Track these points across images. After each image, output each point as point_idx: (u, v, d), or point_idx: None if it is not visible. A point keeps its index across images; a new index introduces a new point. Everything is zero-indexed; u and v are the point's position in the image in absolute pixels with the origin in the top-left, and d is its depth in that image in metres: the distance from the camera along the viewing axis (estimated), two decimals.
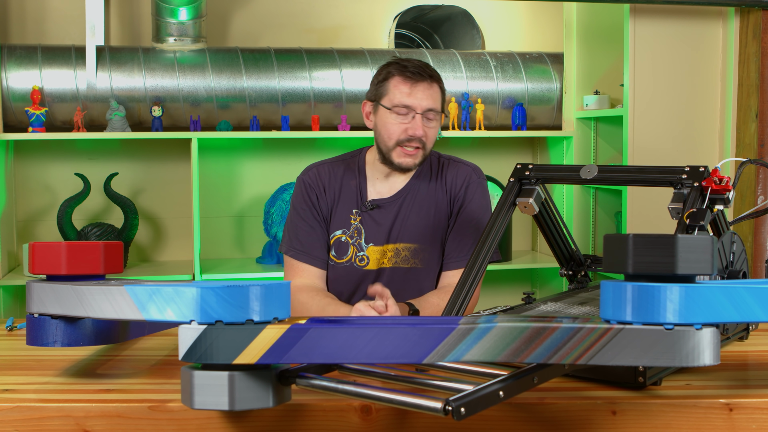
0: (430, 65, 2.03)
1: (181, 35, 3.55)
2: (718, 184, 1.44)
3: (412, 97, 1.96)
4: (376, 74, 2.03)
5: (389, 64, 2.02)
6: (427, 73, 1.98)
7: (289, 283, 1.12)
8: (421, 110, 1.96)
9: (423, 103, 1.96)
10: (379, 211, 2.06)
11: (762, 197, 3.14)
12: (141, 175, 3.77)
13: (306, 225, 2.06)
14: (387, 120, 1.99)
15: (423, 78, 1.97)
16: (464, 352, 1.03)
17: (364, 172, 2.10)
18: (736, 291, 1.04)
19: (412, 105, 1.96)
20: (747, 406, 1.19)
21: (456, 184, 2.09)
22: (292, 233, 2.08)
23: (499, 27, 4.20)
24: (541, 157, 4.11)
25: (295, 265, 2.07)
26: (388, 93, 1.98)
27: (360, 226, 2.06)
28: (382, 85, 2.00)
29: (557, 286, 3.95)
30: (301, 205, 2.09)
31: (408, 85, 1.96)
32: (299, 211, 2.08)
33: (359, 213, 2.07)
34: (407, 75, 1.96)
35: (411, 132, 1.96)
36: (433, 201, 2.08)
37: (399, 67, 1.99)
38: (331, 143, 3.90)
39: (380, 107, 2.00)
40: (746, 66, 3.20)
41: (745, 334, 1.58)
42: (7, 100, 3.38)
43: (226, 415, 1.18)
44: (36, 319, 1.31)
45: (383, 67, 2.03)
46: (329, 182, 2.08)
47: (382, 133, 2.00)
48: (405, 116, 1.97)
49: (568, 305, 1.58)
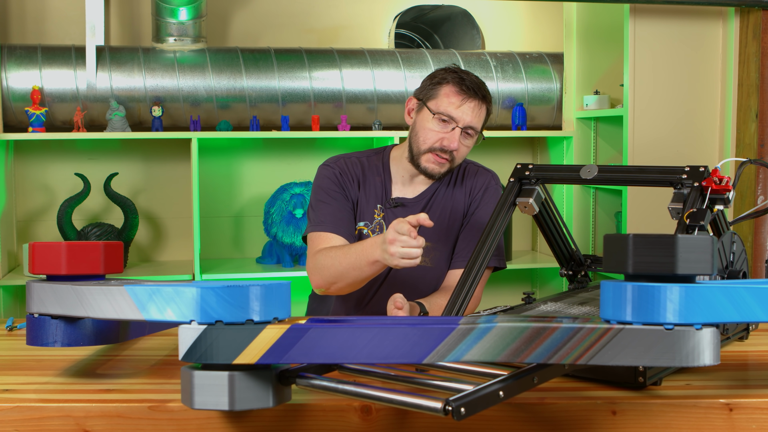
0: (485, 85, 2.01)
1: (181, 35, 3.55)
2: (718, 184, 1.44)
3: (459, 110, 1.95)
4: (432, 75, 2.02)
5: (448, 70, 2.00)
6: (482, 93, 1.97)
7: (289, 283, 1.12)
8: (463, 125, 1.96)
9: (467, 119, 1.95)
10: (402, 210, 2.07)
11: (762, 197, 3.14)
12: (141, 175, 3.77)
13: (336, 203, 2.03)
14: (427, 124, 1.98)
15: (476, 96, 1.96)
16: (464, 352, 1.03)
17: (389, 170, 2.10)
18: (736, 291, 1.04)
19: (456, 117, 1.95)
20: (747, 406, 1.19)
21: (475, 188, 2.11)
22: (318, 214, 2.02)
23: (499, 27, 4.20)
24: (541, 157, 4.12)
25: (321, 236, 1.99)
26: (437, 98, 1.97)
27: (382, 221, 2.07)
28: (434, 88, 1.99)
29: (557, 286, 3.95)
30: (331, 187, 2.04)
31: (460, 97, 1.95)
32: (329, 192, 2.04)
33: (383, 209, 2.07)
34: (462, 88, 1.95)
35: (446, 143, 1.96)
36: (453, 204, 2.09)
37: (457, 77, 1.97)
38: (331, 143, 3.90)
39: (425, 108, 1.99)
40: (746, 66, 3.20)
41: (745, 334, 1.58)
42: (7, 100, 3.38)
43: (226, 415, 1.18)
44: (36, 319, 1.31)
45: (441, 71, 2.01)
46: (357, 174, 2.08)
47: (419, 134, 2.00)
48: (446, 126, 1.96)
49: (568, 305, 1.58)
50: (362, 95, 3.67)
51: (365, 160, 2.11)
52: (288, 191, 3.52)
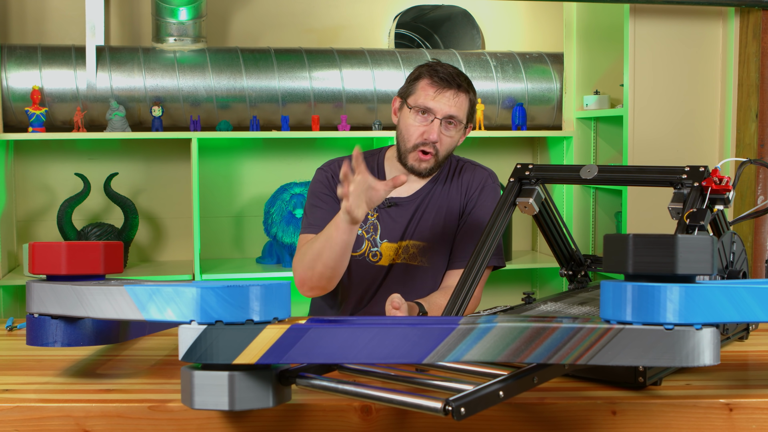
0: (464, 74, 2.02)
1: (181, 35, 3.55)
2: (718, 184, 1.44)
3: (435, 101, 1.96)
4: (411, 73, 2.05)
5: (423, 65, 2.02)
6: (456, 81, 1.97)
7: (288, 283, 1.12)
8: (441, 115, 1.96)
9: (444, 109, 1.96)
10: (396, 209, 2.07)
11: (762, 197, 3.14)
12: (141, 175, 3.77)
13: (327, 207, 2.05)
14: (408, 120, 2.00)
15: (451, 85, 1.96)
16: (464, 352, 1.03)
17: (383, 171, 2.11)
18: (736, 291, 1.04)
19: (434, 108, 1.96)
20: (747, 406, 1.19)
21: (472, 186, 2.10)
22: (310, 217, 2.06)
23: (499, 27, 4.20)
24: (541, 157, 4.11)
25: (308, 237, 2.02)
26: (415, 93, 1.99)
27: (376, 222, 2.07)
28: (411, 84, 2.01)
29: (557, 286, 3.95)
30: (322, 191, 2.07)
31: (434, 89, 1.96)
32: (320, 197, 2.07)
33: (377, 209, 2.07)
34: (435, 79, 1.97)
35: (426, 135, 1.97)
36: (448, 203, 2.09)
37: (430, 70, 1.99)
38: (331, 143, 3.90)
39: (405, 105, 2.02)
40: (746, 66, 3.20)
41: (745, 334, 1.58)
42: (7, 100, 3.38)
43: (226, 415, 1.18)
44: (36, 319, 1.31)
45: (417, 67, 2.03)
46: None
47: (403, 132, 2.02)
48: (425, 119, 1.97)
49: (568, 305, 1.58)
50: (362, 95, 3.67)
51: None
52: (288, 191, 3.52)
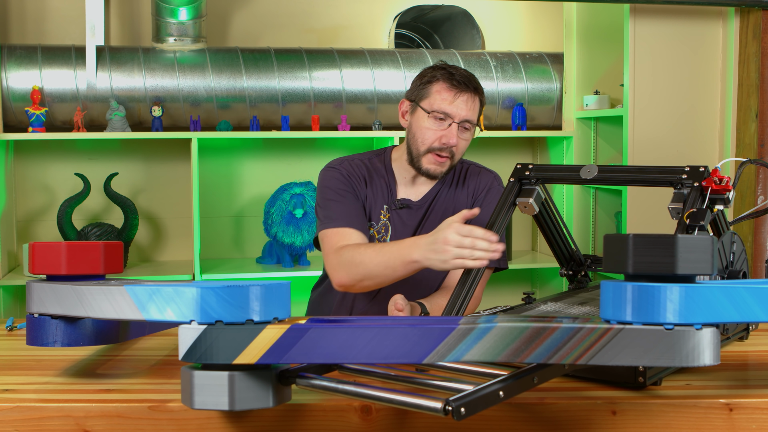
0: (475, 77, 2.01)
1: (181, 35, 3.55)
2: (718, 184, 1.44)
3: (453, 105, 1.95)
4: (420, 75, 2.02)
5: (436, 68, 2.00)
6: (473, 85, 1.97)
7: (289, 283, 1.12)
8: (459, 119, 1.95)
9: (462, 113, 1.95)
10: (407, 212, 2.07)
11: (762, 197, 3.14)
12: (141, 175, 3.77)
13: (347, 201, 2.01)
14: (423, 124, 1.98)
15: (468, 89, 1.95)
16: (464, 352, 1.03)
17: (392, 172, 2.10)
18: (736, 291, 1.04)
19: (452, 113, 1.95)
20: (747, 406, 1.19)
21: (478, 189, 2.11)
22: (329, 211, 2.00)
23: (499, 27, 4.20)
24: (541, 157, 4.11)
25: (337, 231, 1.96)
26: (430, 97, 1.97)
27: (388, 223, 2.07)
28: (424, 88, 1.99)
29: (557, 286, 3.95)
30: (340, 186, 2.03)
31: (452, 93, 1.95)
32: (338, 191, 2.02)
33: (389, 210, 2.07)
34: (453, 83, 1.95)
35: (445, 140, 1.95)
36: (455, 205, 2.09)
37: (446, 73, 1.97)
38: (331, 143, 3.90)
39: (419, 109, 1.99)
40: (746, 66, 3.20)
41: (745, 334, 1.58)
42: (7, 100, 3.38)
43: (226, 415, 1.18)
44: (36, 319, 1.31)
45: (429, 70, 2.01)
46: (363, 174, 2.07)
47: (417, 136, 2.00)
48: (442, 123, 1.96)
49: (568, 305, 1.58)
50: (362, 95, 3.67)
51: (368, 161, 2.11)
52: (288, 191, 3.52)
